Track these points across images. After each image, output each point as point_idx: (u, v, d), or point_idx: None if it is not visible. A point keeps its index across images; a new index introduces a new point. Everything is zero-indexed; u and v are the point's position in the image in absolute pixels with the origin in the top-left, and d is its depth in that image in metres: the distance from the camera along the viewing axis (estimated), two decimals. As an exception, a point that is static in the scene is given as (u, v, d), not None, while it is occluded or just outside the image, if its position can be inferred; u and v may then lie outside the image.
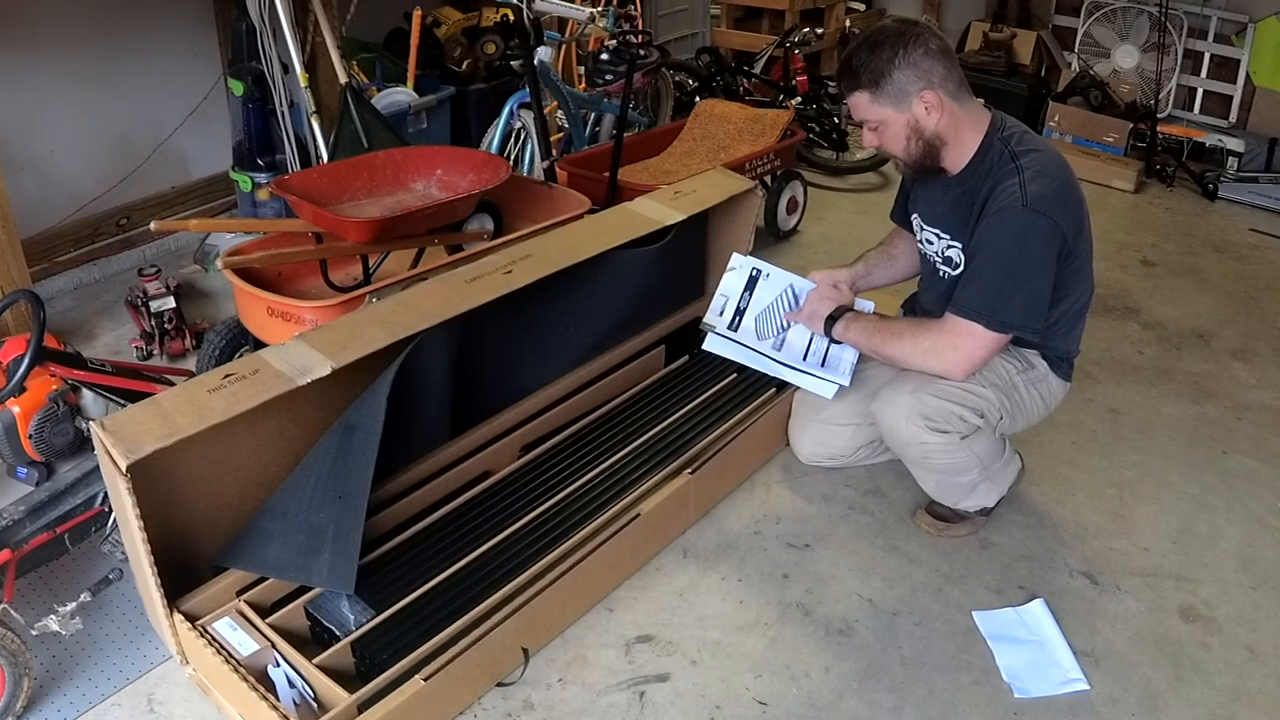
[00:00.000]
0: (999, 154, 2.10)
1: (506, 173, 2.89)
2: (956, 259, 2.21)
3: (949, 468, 2.26)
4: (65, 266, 3.51)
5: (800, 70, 4.78)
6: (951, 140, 2.13)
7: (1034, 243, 2.03)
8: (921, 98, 2.06)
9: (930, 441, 2.18)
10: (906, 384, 2.21)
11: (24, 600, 2.10)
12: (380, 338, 2.03)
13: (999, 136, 2.12)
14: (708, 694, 1.99)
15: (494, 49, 4.25)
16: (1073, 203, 2.09)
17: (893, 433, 2.24)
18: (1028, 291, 2.06)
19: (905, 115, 2.09)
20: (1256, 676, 2.06)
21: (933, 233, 2.29)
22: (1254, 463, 2.74)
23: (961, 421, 2.18)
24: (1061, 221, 2.04)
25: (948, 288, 2.24)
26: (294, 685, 1.82)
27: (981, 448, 2.25)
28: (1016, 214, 2.02)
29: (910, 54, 2.03)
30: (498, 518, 2.22)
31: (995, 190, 2.07)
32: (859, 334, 2.26)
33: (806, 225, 4.15)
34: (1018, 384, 2.24)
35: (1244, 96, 5.12)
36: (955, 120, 2.10)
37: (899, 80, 2.05)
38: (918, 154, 2.15)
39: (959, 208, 2.18)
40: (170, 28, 3.70)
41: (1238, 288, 3.79)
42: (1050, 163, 2.09)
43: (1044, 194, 2.02)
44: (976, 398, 2.19)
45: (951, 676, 2.05)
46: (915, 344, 2.17)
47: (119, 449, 1.68)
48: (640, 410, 2.62)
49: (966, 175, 2.16)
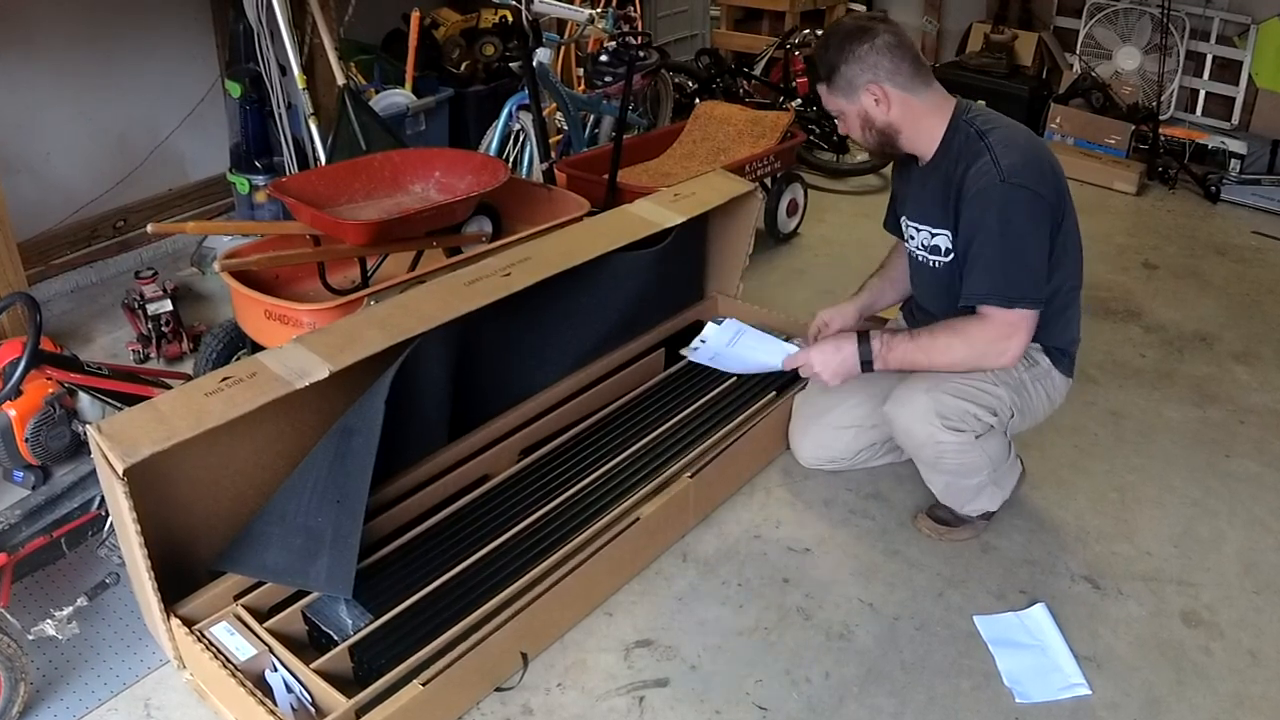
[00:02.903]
0: (965, 135, 2.14)
1: (505, 175, 2.88)
2: (944, 245, 2.23)
3: (961, 468, 2.26)
4: (62, 269, 3.51)
5: (800, 72, 4.78)
6: (908, 129, 2.18)
7: (1018, 214, 2.06)
8: (869, 90, 2.14)
9: (946, 441, 2.18)
10: (920, 384, 2.21)
11: (20, 604, 2.09)
12: (378, 340, 2.02)
13: (964, 119, 2.16)
14: (707, 699, 1.99)
15: (493, 50, 4.24)
16: (1048, 170, 2.11)
17: (908, 433, 2.24)
18: (1028, 263, 2.08)
19: (856, 106, 2.18)
20: (1259, 681, 2.05)
21: (914, 227, 2.31)
22: (1256, 466, 2.73)
23: (976, 420, 2.18)
24: (1041, 189, 2.07)
25: (942, 276, 2.26)
26: (291, 690, 1.81)
27: (993, 448, 2.26)
28: (995, 190, 2.05)
29: (856, 49, 2.12)
30: (496, 521, 2.22)
31: (969, 170, 2.10)
32: (901, 358, 2.20)
33: (807, 227, 4.15)
34: (1025, 381, 2.25)
35: (1246, 98, 5.11)
36: (909, 109, 2.15)
37: (846, 74, 2.14)
38: (875, 142, 2.23)
39: (936, 194, 2.21)
40: (167, 29, 3.70)
41: (1240, 290, 3.78)
42: (1018, 135, 2.14)
43: (1016, 166, 2.05)
44: (990, 396, 2.19)
45: (952, 681, 2.04)
46: (968, 346, 2.13)
47: (116, 452, 1.67)
48: (639, 414, 2.61)
49: (938, 160, 2.19)
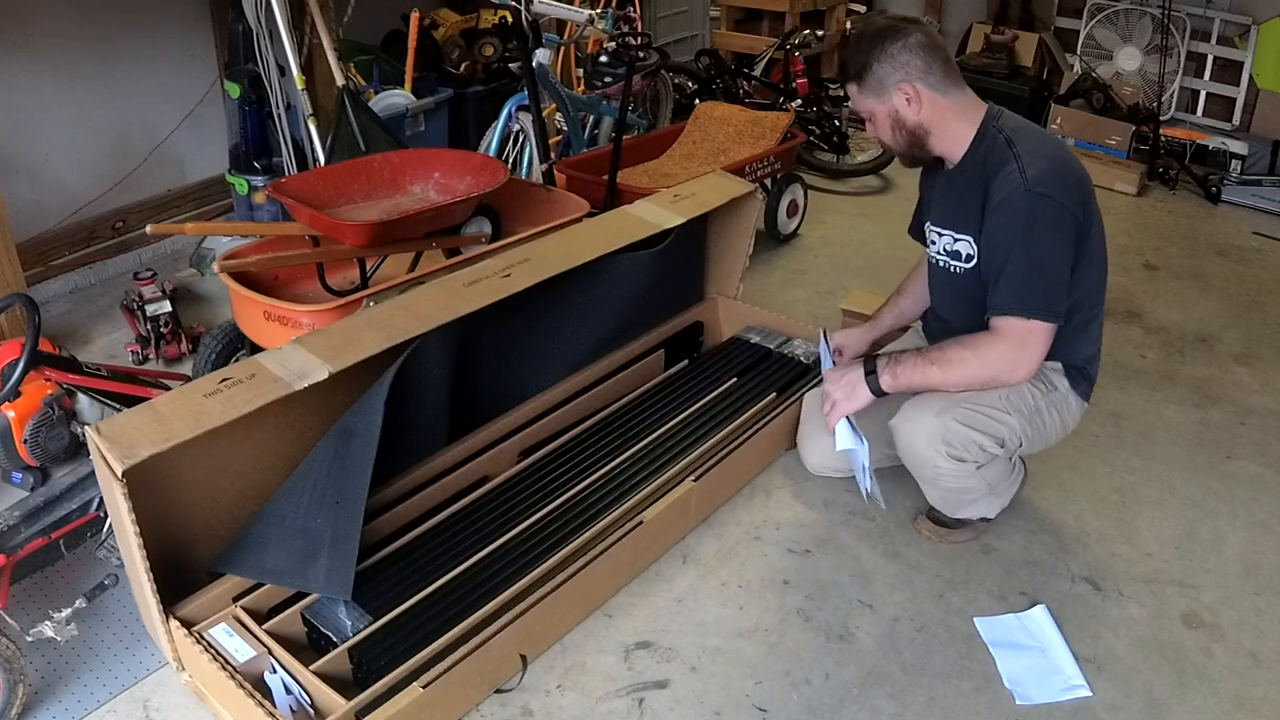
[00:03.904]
0: (994, 141, 2.12)
1: (505, 176, 2.88)
2: (966, 251, 2.21)
3: (956, 489, 2.26)
4: (60, 270, 3.51)
5: (800, 73, 4.78)
6: (937, 130, 2.16)
7: (1043, 225, 2.03)
8: (900, 89, 2.12)
9: (944, 467, 2.18)
10: (933, 404, 2.17)
11: (19, 606, 2.09)
12: (378, 342, 2.02)
13: (994, 125, 2.14)
14: (707, 700, 1.98)
15: (492, 51, 4.24)
16: (1074, 182, 2.09)
17: (910, 450, 2.23)
18: (1048, 274, 2.05)
19: (887, 106, 2.16)
20: (1260, 683, 2.05)
21: (937, 232, 2.29)
22: (1257, 467, 2.72)
23: (981, 451, 2.17)
24: (1067, 201, 2.04)
25: (961, 282, 2.24)
26: (291, 692, 1.81)
27: (993, 474, 2.26)
28: (1021, 199, 2.03)
29: (889, 48, 2.10)
30: (496, 523, 2.21)
31: (996, 178, 2.08)
32: (909, 376, 2.16)
33: (807, 228, 4.14)
34: (1041, 408, 2.22)
35: (1247, 99, 5.11)
36: (939, 111, 2.13)
37: (878, 73, 2.12)
38: (904, 143, 2.21)
39: (963, 199, 2.19)
40: (166, 29, 3.70)
41: (1241, 291, 3.78)
42: (1048, 145, 2.12)
43: (1043, 176, 2.03)
44: (1000, 425, 2.17)
45: (953, 683, 2.03)
46: (980, 360, 2.10)
47: (115, 454, 1.67)
48: (639, 415, 2.61)
49: (965, 165, 2.18)
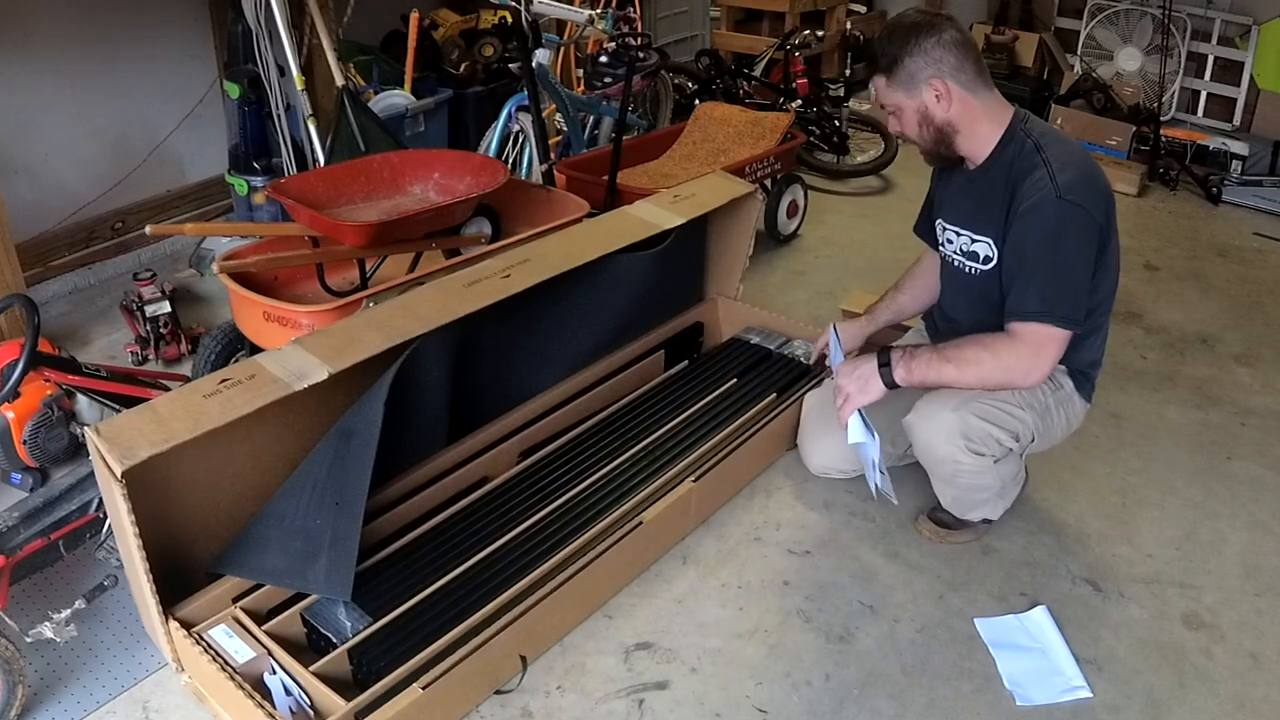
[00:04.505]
0: (1021, 145, 2.10)
1: (504, 176, 2.88)
2: (985, 253, 2.20)
3: (973, 486, 2.26)
4: (60, 271, 3.51)
5: (800, 73, 4.77)
6: (965, 129, 2.14)
7: (1071, 233, 2.03)
8: (931, 85, 2.09)
9: (964, 462, 2.17)
10: (949, 400, 2.17)
11: (18, 607, 2.09)
12: (377, 342, 2.01)
13: (1022, 128, 2.12)
14: (707, 701, 1.98)
15: (492, 51, 4.24)
16: (1100, 190, 2.08)
17: (928, 448, 2.22)
18: (1072, 282, 2.05)
19: (916, 101, 2.12)
20: (1261, 684, 2.05)
21: (954, 231, 2.28)
22: (1258, 468, 2.72)
23: (998, 445, 2.17)
24: (1094, 211, 2.04)
25: (977, 283, 2.23)
26: (290, 693, 1.81)
27: (1007, 470, 2.26)
28: (1051, 206, 2.02)
29: (923, 42, 2.07)
30: (496, 524, 2.21)
31: (1024, 182, 2.07)
32: (924, 371, 2.14)
33: (807, 229, 4.14)
34: (1050, 405, 2.23)
35: (1248, 99, 5.11)
36: (968, 110, 2.11)
37: (910, 67, 2.09)
38: (930, 140, 2.18)
39: (984, 201, 2.18)
40: (166, 30, 3.70)
41: (1242, 292, 3.77)
42: (1075, 152, 2.11)
43: (1074, 184, 2.02)
44: (1016, 420, 2.18)
45: (953, 684, 2.03)
46: (996, 362, 2.07)
47: (114, 455, 1.67)
48: (639, 416, 2.61)
49: (989, 166, 2.16)
